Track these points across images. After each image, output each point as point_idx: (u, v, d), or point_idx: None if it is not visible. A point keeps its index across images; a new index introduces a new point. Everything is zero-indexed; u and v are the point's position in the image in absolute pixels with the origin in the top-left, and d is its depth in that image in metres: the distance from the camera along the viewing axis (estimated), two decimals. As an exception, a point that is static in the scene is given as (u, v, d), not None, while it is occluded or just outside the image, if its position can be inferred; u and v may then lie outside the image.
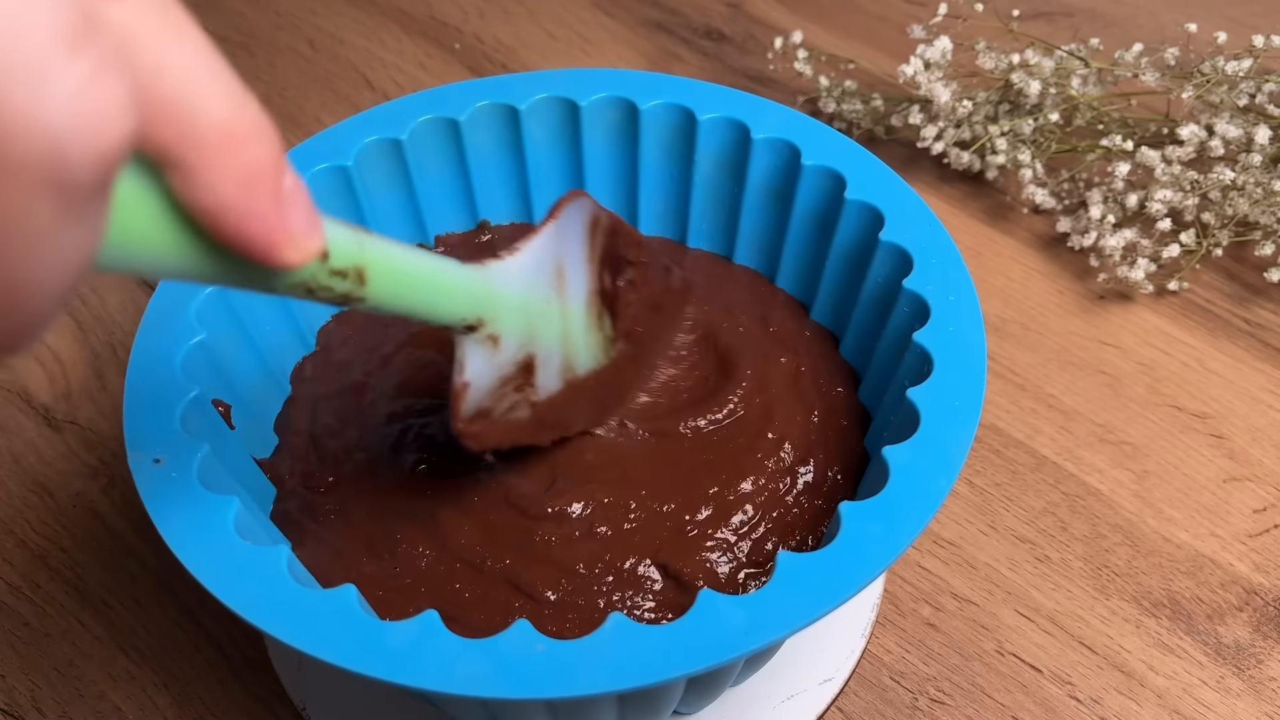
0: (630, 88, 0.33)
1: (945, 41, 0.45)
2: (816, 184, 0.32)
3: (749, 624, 0.21)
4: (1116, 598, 0.34)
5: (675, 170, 0.34)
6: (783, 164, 0.32)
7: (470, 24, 0.58)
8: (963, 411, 0.25)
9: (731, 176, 0.33)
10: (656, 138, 0.34)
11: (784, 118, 0.32)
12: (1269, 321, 0.42)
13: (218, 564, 0.23)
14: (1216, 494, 0.37)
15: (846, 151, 0.31)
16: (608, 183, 0.35)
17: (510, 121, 0.34)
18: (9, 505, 0.37)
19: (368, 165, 0.33)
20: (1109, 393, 0.40)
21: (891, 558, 0.22)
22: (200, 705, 0.33)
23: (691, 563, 0.26)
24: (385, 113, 0.33)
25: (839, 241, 0.31)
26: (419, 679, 0.21)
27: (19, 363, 0.42)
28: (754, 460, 0.28)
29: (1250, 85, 0.44)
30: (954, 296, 0.27)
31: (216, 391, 0.28)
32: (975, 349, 0.26)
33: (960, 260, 0.28)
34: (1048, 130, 0.45)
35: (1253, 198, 0.41)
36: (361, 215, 0.34)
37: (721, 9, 0.59)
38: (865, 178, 0.31)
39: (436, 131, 0.33)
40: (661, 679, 0.21)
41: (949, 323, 0.27)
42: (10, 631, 0.34)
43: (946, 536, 0.36)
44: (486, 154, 0.34)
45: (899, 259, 0.29)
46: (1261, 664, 0.33)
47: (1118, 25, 0.57)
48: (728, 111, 0.32)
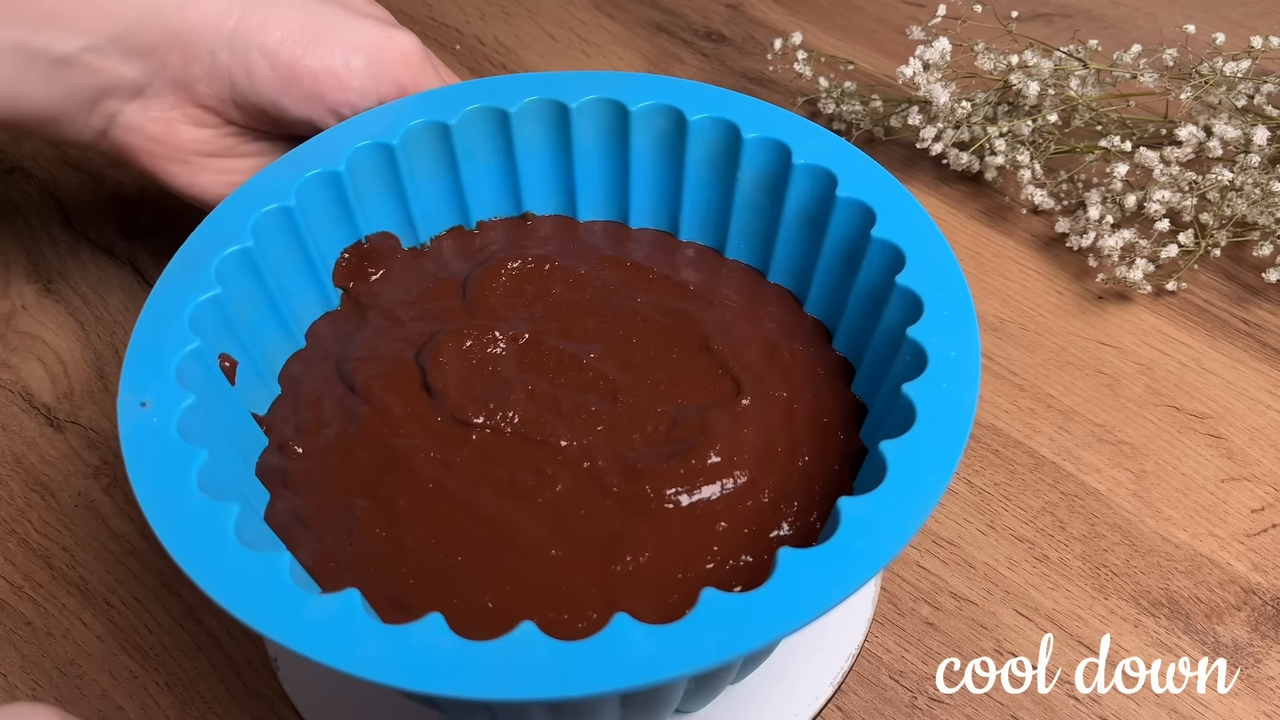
0: (620, 88, 0.33)
1: (944, 43, 0.45)
2: (808, 182, 0.32)
3: (751, 621, 0.21)
4: (1115, 597, 0.35)
5: (667, 169, 0.35)
6: (774, 162, 0.32)
7: (471, 25, 0.58)
8: (959, 405, 0.25)
9: (723, 175, 0.34)
10: (648, 138, 0.34)
11: (775, 117, 0.33)
12: (1267, 322, 0.43)
13: (176, 515, 0.23)
14: (1215, 494, 0.37)
15: (837, 150, 0.32)
16: (599, 180, 0.36)
17: (560, 118, 0.34)
18: (11, 505, 0.38)
19: (414, 146, 0.33)
20: (1107, 393, 0.40)
21: (893, 552, 0.22)
22: (202, 704, 0.33)
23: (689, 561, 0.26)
24: (434, 98, 0.34)
25: (831, 238, 0.31)
26: (421, 682, 0.21)
27: (21, 362, 0.42)
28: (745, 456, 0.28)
29: (1248, 86, 0.44)
30: (946, 292, 0.28)
31: (225, 346, 0.29)
32: (969, 343, 0.26)
33: (952, 256, 0.28)
34: (1046, 131, 0.46)
35: (1251, 198, 0.42)
36: (404, 193, 0.34)
37: (721, 10, 0.59)
38: (856, 175, 0.31)
39: (487, 120, 0.34)
40: (665, 678, 0.21)
41: (942, 318, 0.27)
42: (12, 631, 0.34)
43: (945, 536, 0.36)
44: (534, 147, 0.35)
45: (891, 255, 0.29)
46: (1260, 663, 0.33)
47: (1116, 26, 0.57)
48: (718, 111, 0.33)
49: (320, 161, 0.32)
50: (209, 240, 0.30)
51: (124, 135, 0.36)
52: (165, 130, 0.36)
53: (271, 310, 0.31)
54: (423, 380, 0.30)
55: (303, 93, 0.35)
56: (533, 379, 0.30)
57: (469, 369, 0.30)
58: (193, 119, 0.36)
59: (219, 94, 0.36)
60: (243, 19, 0.34)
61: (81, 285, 0.45)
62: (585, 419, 0.29)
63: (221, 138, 0.37)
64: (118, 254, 0.46)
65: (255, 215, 0.30)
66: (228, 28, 0.34)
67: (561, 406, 0.29)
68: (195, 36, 0.34)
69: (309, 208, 0.32)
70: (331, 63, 0.35)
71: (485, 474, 0.28)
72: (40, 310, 0.44)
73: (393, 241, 0.35)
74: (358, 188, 0.33)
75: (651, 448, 0.29)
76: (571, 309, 0.32)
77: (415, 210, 0.35)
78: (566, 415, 0.29)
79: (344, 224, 0.33)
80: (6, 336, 0.43)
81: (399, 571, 0.26)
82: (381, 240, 0.35)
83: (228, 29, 0.34)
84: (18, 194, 0.49)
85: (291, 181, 0.31)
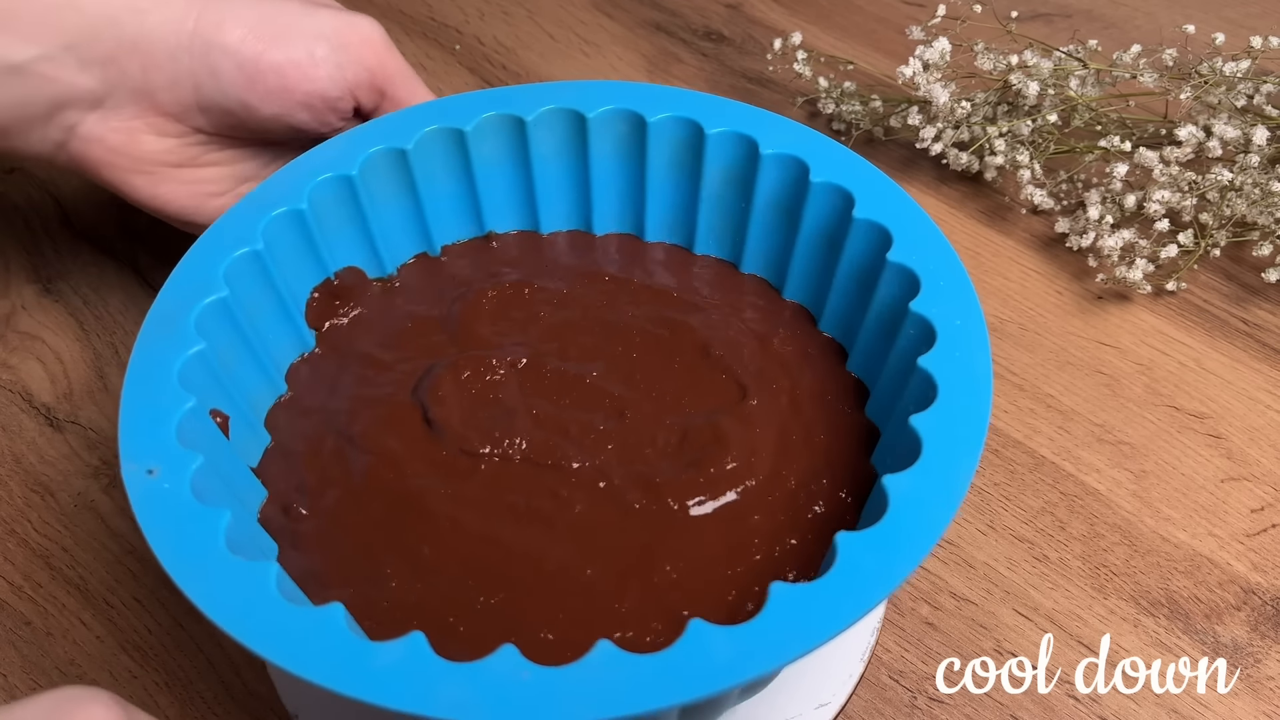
0: (638, 99, 0.33)
1: (944, 43, 0.45)
2: (825, 201, 0.31)
3: (737, 654, 0.21)
4: (1114, 597, 0.35)
5: (630, 172, 0.34)
6: (741, 156, 0.32)
7: (470, 25, 0.58)
8: (966, 441, 0.25)
9: (689, 173, 0.34)
10: (608, 143, 0.34)
11: (738, 111, 0.32)
12: (1267, 322, 0.43)
13: (207, 579, 0.23)
14: (1214, 494, 0.37)
15: (855, 169, 0.31)
16: (560, 190, 0.35)
17: (517, 132, 0.34)
18: (10, 505, 0.38)
19: (373, 174, 0.33)
20: (1107, 393, 0.40)
21: (886, 591, 0.22)
22: (202, 704, 0.33)
23: (685, 591, 0.26)
24: (391, 123, 0.33)
25: (846, 259, 0.31)
26: (402, 702, 0.21)
27: (21, 362, 0.42)
28: (755, 482, 0.28)
29: (1248, 86, 0.44)
30: (961, 321, 0.27)
31: (214, 401, 0.28)
32: (981, 377, 0.26)
33: (969, 284, 0.28)
34: (1046, 131, 0.46)
35: (1250, 198, 0.42)
36: (367, 225, 0.34)
37: (721, 10, 0.59)
38: (874, 196, 0.30)
39: (443, 141, 0.33)
40: (647, 709, 0.21)
41: (955, 348, 0.27)
42: (12, 631, 0.34)
43: (945, 536, 0.36)
44: (492, 164, 0.35)
45: (906, 280, 0.29)
46: (1259, 663, 0.33)
47: (1116, 27, 0.57)
48: (679, 110, 0.32)
49: (283, 200, 0.31)
50: (183, 292, 0.29)
51: (83, 147, 0.36)
52: (127, 141, 0.36)
53: (251, 358, 0.31)
54: (424, 417, 0.30)
55: (269, 88, 0.35)
56: (537, 403, 0.30)
57: (471, 400, 0.30)
58: (156, 128, 0.36)
59: (182, 100, 0.35)
60: (200, 20, 0.34)
61: (81, 285, 0.45)
62: (595, 439, 0.29)
63: (186, 147, 0.37)
64: (118, 254, 0.46)
65: (226, 261, 0.29)
66: (186, 31, 0.34)
67: (569, 429, 0.29)
68: (153, 43, 0.34)
69: (276, 249, 0.31)
70: (295, 55, 0.35)
71: (500, 503, 0.28)
72: (40, 310, 0.44)
73: (360, 276, 0.34)
74: (321, 223, 0.32)
75: (666, 460, 0.28)
76: (565, 329, 0.32)
77: (379, 240, 0.34)
78: (575, 437, 0.29)
79: (311, 262, 0.33)
80: (6, 336, 0.43)
81: (445, 621, 0.26)
82: (349, 275, 0.34)
83: (186, 32, 0.34)
84: (18, 194, 0.49)
85: (257, 222, 0.30)
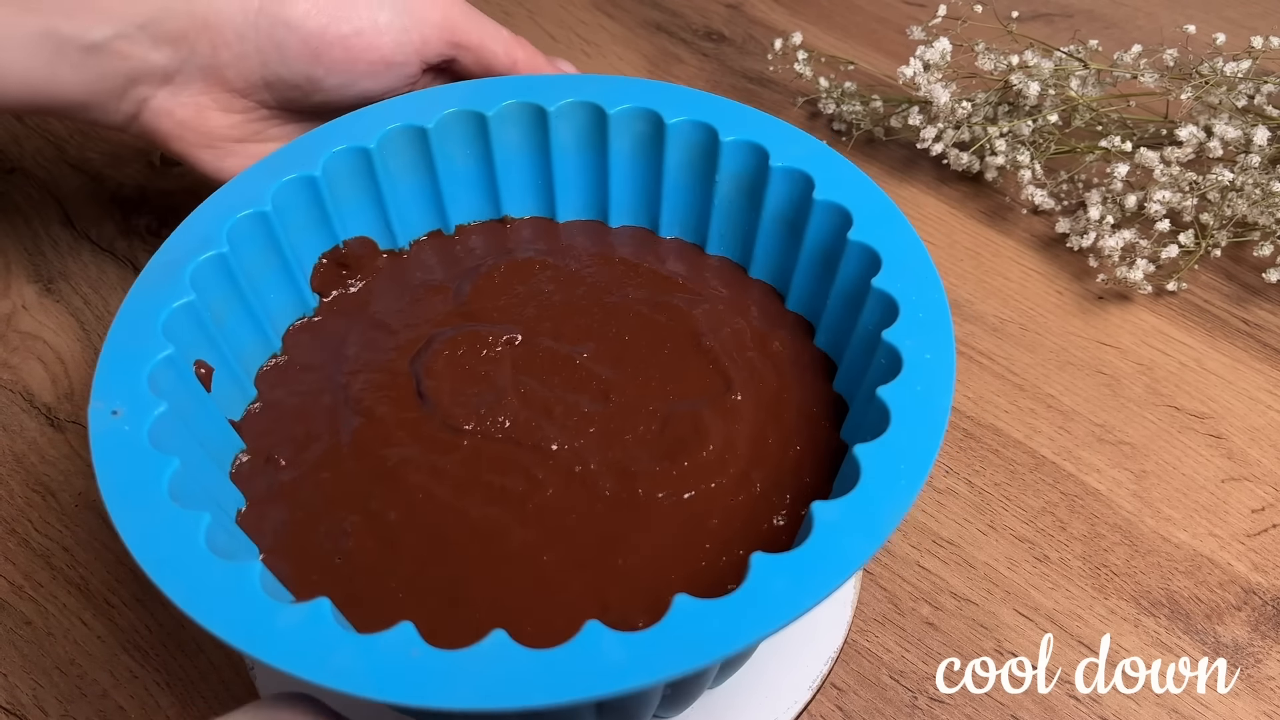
0: (599, 91, 0.34)
1: (944, 43, 0.45)
2: (785, 185, 0.32)
3: (724, 627, 0.21)
4: (1115, 597, 0.35)
5: (646, 172, 0.35)
6: (752, 165, 0.33)
7: (471, 25, 0.58)
8: (933, 407, 0.25)
9: (702, 178, 0.34)
10: (627, 141, 0.34)
11: (753, 120, 0.33)
12: (1267, 322, 0.43)
13: (145, 522, 0.23)
14: (1215, 494, 0.37)
15: (814, 152, 0.32)
16: (578, 181, 0.36)
17: (539, 122, 0.34)
18: (11, 505, 0.38)
19: (391, 150, 0.33)
20: (1108, 393, 0.40)
21: (864, 557, 0.22)
22: (203, 704, 0.33)
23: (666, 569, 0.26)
24: (412, 102, 0.34)
25: (809, 240, 0.32)
26: (293, 665, 0.21)
27: (22, 362, 0.42)
28: (723, 458, 0.28)
29: (1249, 86, 0.44)
30: (922, 295, 0.28)
31: (201, 353, 0.29)
32: (944, 347, 0.26)
33: (928, 258, 0.29)
34: (1047, 131, 0.46)
35: (1251, 198, 0.42)
36: (381, 198, 0.34)
37: (721, 10, 0.59)
38: (833, 178, 0.31)
39: (464, 124, 0.34)
40: (635, 685, 0.21)
41: (918, 321, 0.27)
42: (13, 630, 0.34)
43: (945, 536, 0.36)
44: (512, 150, 0.35)
45: (867, 258, 0.29)
46: (1260, 663, 0.33)
47: (1116, 27, 0.57)
48: (696, 114, 0.33)
49: (297, 166, 0.32)
50: (184, 246, 0.29)
51: (154, 120, 0.37)
52: (195, 116, 0.37)
53: (248, 315, 0.31)
54: (417, 388, 0.30)
55: (334, 60, 0.36)
56: (526, 381, 0.30)
57: (463, 374, 0.30)
58: (222, 104, 0.37)
59: (248, 77, 0.36)
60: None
61: (82, 285, 0.45)
62: (577, 421, 0.29)
63: (250, 122, 0.38)
64: (118, 254, 0.46)
65: (231, 220, 0.30)
66: (253, 8, 0.35)
67: (554, 410, 0.29)
68: (222, 21, 0.35)
69: (285, 213, 0.32)
70: (359, 24, 0.35)
71: (475, 480, 0.28)
72: (41, 310, 0.44)
73: (371, 246, 0.35)
74: (334, 192, 0.33)
75: (644, 448, 0.29)
76: (564, 308, 0.33)
77: (393, 215, 0.35)
78: (559, 419, 0.29)
79: (321, 229, 0.33)
80: (7, 336, 0.43)
81: (387, 585, 0.26)
82: (359, 245, 0.34)
83: (253, 9, 0.35)
84: (18, 194, 0.49)
85: (267, 186, 0.31)
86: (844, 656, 0.33)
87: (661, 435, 0.29)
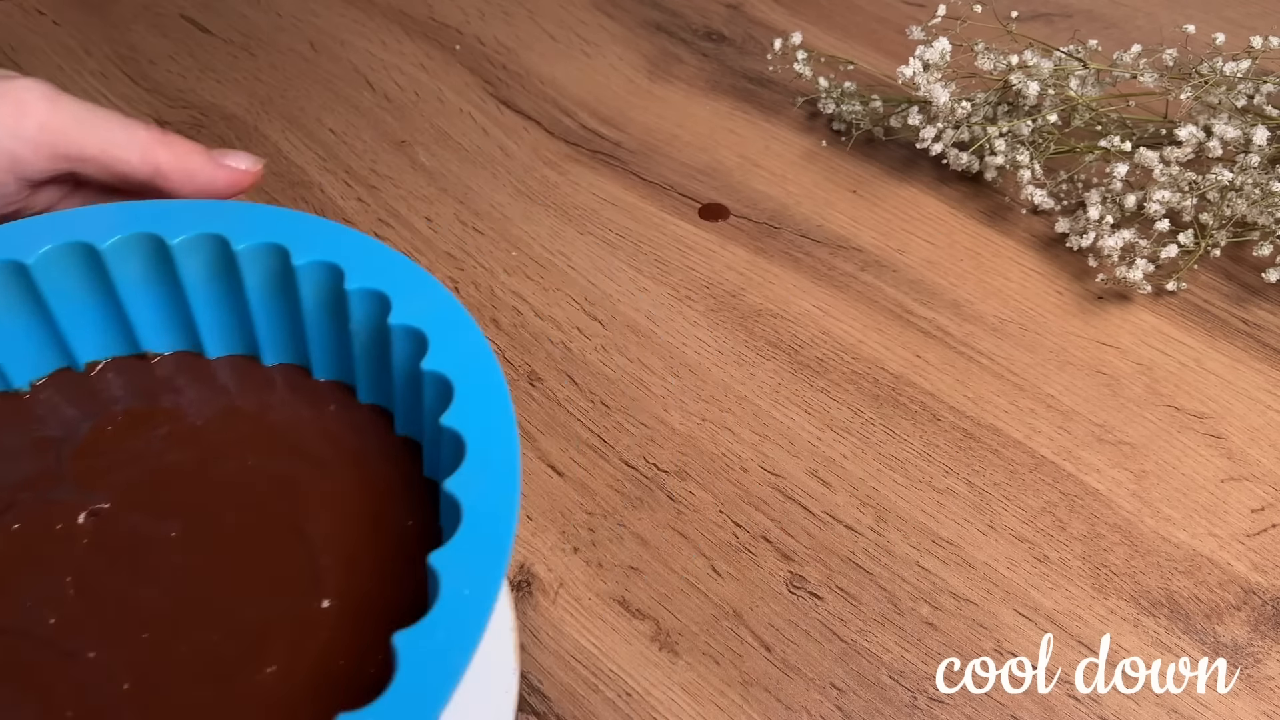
0: (221, 221, 0.30)
1: (944, 43, 0.45)
2: (316, 277, 0.29)
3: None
4: (1115, 597, 0.35)
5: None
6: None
7: (471, 25, 0.58)
8: (501, 508, 0.24)
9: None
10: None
11: (274, 219, 0.30)
12: (1267, 321, 0.43)
13: None
14: (1214, 494, 0.37)
15: (347, 242, 0.29)
16: (218, 316, 0.32)
17: (92, 261, 0.30)
18: (11, 505, 0.37)
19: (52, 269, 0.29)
20: (1107, 393, 0.40)
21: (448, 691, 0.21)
22: (202, 704, 0.33)
23: None
24: (12, 232, 0.29)
25: (355, 328, 0.29)
26: None
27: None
28: None
29: (1248, 86, 0.44)
30: (473, 369, 0.26)
31: None
32: (504, 427, 0.25)
33: (477, 331, 0.27)
34: (1046, 131, 0.46)
35: (1250, 198, 0.42)
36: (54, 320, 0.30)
37: (721, 10, 0.59)
38: (366, 265, 0.29)
39: (71, 257, 0.30)
40: None
41: (473, 401, 0.26)
42: (12, 631, 0.34)
43: (945, 536, 0.36)
44: (72, 297, 0.31)
45: (414, 340, 0.28)
46: (1260, 663, 0.33)
47: (1116, 26, 0.57)
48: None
49: None
50: None
51: None
52: None
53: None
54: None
55: None
56: (92, 567, 0.27)
57: (18, 557, 0.27)
58: None
59: None
60: None
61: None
62: (133, 623, 0.26)
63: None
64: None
65: None
66: None
67: (107, 607, 0.26)
68: None
69: None
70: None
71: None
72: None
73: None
74: None
75: (195, 663, 0.25)
76: (169, 474, 0.29)
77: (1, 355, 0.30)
78: (111, 619, 0.26)
79: None
80: None
81: None
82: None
83: None
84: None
85: None
86: (844, 656, 0.33)
87: (220, 648, 0.26)
